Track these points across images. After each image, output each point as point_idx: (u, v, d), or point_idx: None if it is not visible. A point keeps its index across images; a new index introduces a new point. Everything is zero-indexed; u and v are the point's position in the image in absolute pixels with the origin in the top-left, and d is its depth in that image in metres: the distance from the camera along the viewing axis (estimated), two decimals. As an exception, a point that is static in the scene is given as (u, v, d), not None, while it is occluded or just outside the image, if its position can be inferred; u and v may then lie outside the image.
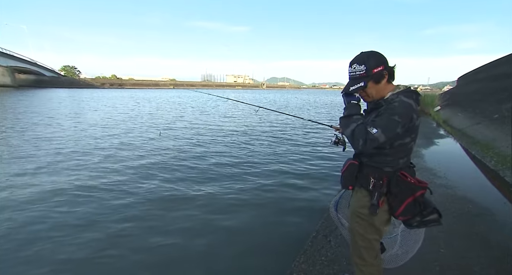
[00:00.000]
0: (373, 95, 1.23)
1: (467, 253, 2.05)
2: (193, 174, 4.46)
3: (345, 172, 1.37)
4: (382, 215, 1.23)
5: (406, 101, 1.13)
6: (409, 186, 1.17)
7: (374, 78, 1.17)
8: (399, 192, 1.17)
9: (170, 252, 2.43)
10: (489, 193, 3.42)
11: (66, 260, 2.29)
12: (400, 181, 1.17)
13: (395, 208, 1.19)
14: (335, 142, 1.61)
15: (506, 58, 10.59)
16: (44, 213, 3.04)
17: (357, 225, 1.30)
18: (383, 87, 1.20)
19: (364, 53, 1.20)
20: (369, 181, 1.23)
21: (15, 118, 10.13)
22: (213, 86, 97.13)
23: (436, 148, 5.87)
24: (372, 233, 1.27)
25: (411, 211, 1.18)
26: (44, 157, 5.24)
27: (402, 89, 1.20)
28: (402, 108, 1.10)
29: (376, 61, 1.16)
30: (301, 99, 31.34)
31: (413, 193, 1.17)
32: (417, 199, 1.17)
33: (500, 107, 6.87)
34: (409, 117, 1.11)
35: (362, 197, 1.27)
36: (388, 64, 1.19)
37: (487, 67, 12.57)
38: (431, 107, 11.83)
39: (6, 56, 42.44)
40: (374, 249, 1.30)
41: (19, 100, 18.42)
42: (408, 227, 1.27)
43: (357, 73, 1.19)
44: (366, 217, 1.25)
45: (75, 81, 63.76)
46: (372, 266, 1.31)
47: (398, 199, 1.17)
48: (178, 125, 9.84)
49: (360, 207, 1.27)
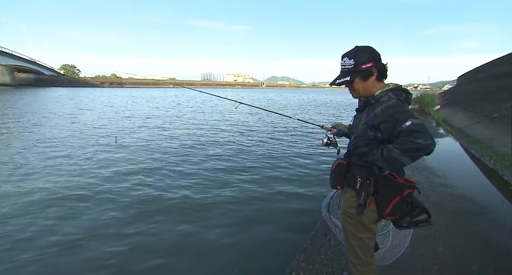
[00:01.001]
0: (359, 92, 1.22)
1: (466, 252, 2.06)
2: (194, 172, 4.46)
3: (333, 171, 1.35)
4: (370, 214, 1.21)
5: (396, 98, 1.12)
6: (397, 186, 1.16)
7: (361, 74, 1.16)
8: (387, 192, 1.15)
9: (174, 246, 2.44)
10: (488, 192, 3.43)
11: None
12: (388, 180, 1.16)
13: (382, 208, 1.17)
14: (327, 143, 1.57)
15: (506, 57, 10.59)
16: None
17: (348, 225, 1.30)
18: (371, 84, 1.18)
19: (357, 48, 1.19)
20: (356, 180, 1.22)
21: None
22: (213, 85, 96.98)
23: (436, 147, 5.81)
24: (363, 232, 1.25)
25: (399, 211, 1.16)
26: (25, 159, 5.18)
27: (392, 87, 1.18)
28: (398, 101, 1.10)
29: (366, 57, 1.15)
30: (300, 99, 31.23)
31: (401, 192, 1.15)
32: (404, 198, 1.15)
33: (500, 107, 6.88)
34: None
35: (350, 197, 1.27)
36: (380, 62, 1.17)
37: (487, 66, 12.58)
38: (430, 106, 11.83)
39: (6, 55, 42.31)
40: (369, 247, 1.29)
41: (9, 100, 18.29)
42: (398, 227, 1.25)
43: (346, 67, 1.19)
44: (355, 217, 1.24)
45: (75, 80, 63.62)
46: (369, 264, 1.31)
47: (385, 198, 1.16)
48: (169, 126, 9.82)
49: (349, 207, 1.26)
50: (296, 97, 36.34)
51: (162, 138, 7.25)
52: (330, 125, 1.66)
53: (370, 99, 1.19)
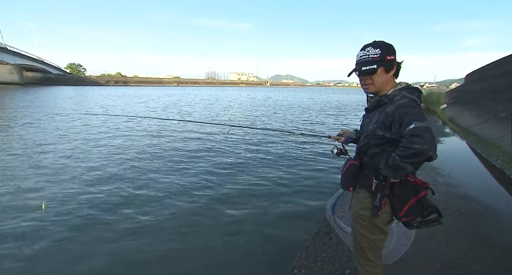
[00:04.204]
0: (377, 85, 1.18)
1: (469, 251, 2.05)
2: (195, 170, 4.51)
3: (345, 172, 1.33)
4: (385, 216, 1.19)
5: (412, 98, 1.10)
6: (413, 187, 1.14)
7: (386, 65, 1.13)
8: (403, 193, 1.14)
9: (178, 242, 2.48)
10: (495, 192, 3.38)
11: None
12: (404, 181, 1.14)
13: (398, 209, 1.15)
14: (337, 153, 1.52)
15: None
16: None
17: (359, 227, 1.27)
18: (389, 78, 1.17)
19: (379, 41, 1.17)
20: (372, 182, 1.19)
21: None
22: (217, 84, 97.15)
23: (441, 146, 5.81)
24: (376, 234, 1.24)
25: (414, 212, 1.14)
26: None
27: (404, 86, 1.17)
28: (410, 102, 1.07)
29: (390, 50, 1.15)
30: (308, 98, 30.78)
31: (417, 193, 1.13)
32: (420, 199, 1.13)
33: (508, 106, 6.74)
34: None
35: (363, 198, 1.24)
36: (396, 59, 1.17)
37: (496, 64, 12.29)
38: (436, 105, 11.67)
39: (14, 54, 43.11)
40: (378, 249, 1.28)
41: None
42: (408, 227, 1.22)
43: (370, 56, 1.14)
44: (368, 219, 1.22)
45: (81, 78, 64.56)
46: (378, 266, 1.30)
47: (401, 200, 1.14)
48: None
49: (361, 209, 1.24)
50: (303, 96, 36.07)
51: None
52: (337, 134, 1.60)
53: (383, 99, 1.16)
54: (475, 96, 10.16)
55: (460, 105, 10.30)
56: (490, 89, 9.54)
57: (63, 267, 2.20)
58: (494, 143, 5.18)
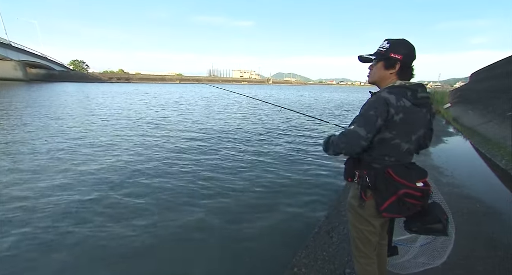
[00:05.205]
0: (373, 78, 1.25)
1: (472, 252, 2.03)
2: (194, 168, 4.52)
3: (345, 164, 1.40)
4: (370, 208, 1.23)
5: (382, 96, 1.11)
6: (393, 184, 1.14)
7: (386, 61, 1.17)
8: (384, 189, 1.17)
9: (178, 240, 2.49)
10: (499, 193, 3.34)
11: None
12: (385, 177, 1.16)
13: (379, 204, 1.19)
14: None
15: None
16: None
17: (349, 215, 1.35)
18: (387, 76, 1.19)
19: (400, 39, 1.20)
20: (355, 173, 1.29)
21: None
22: (219, 81, 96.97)
23: (445, 145, 5.75)
24: (362, 224, 1.28)
25: (396, 210, 1.15)
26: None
27: (397, 85, 1.16)
28: (373, 102, 1.13)
29: (400, 49, 1.15)
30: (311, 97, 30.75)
31: (396, 191, 1.13)
32: (401, 198, 1.13)
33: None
34: (384, 111, 1.09)
35: (354, 189, 1.33)
36: (409, 61, 1.16)
37: (502, 63, 12.10)
38: (440, 104, 11.55)
39: (18, 51, 43.31)
40: (368, 240, 1.29)
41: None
42: (408, 231, 1.25)
43: (379, 49, 1.21)
44: (355, 208, 1.29)
45: (84, 75, 64.76)
46: (369, 258, 1.31)
47: (382, 195, 1.18)
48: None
49: (351, 197, 1.33)
50: (306, 95, 35.96)
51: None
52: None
53: (373, 95, 1.21)
54: (480, 95, 10.03)
55: (465, 104, 10.18)
56: (495, 88, 9.41)
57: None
58: (498, 143, 5.11)
